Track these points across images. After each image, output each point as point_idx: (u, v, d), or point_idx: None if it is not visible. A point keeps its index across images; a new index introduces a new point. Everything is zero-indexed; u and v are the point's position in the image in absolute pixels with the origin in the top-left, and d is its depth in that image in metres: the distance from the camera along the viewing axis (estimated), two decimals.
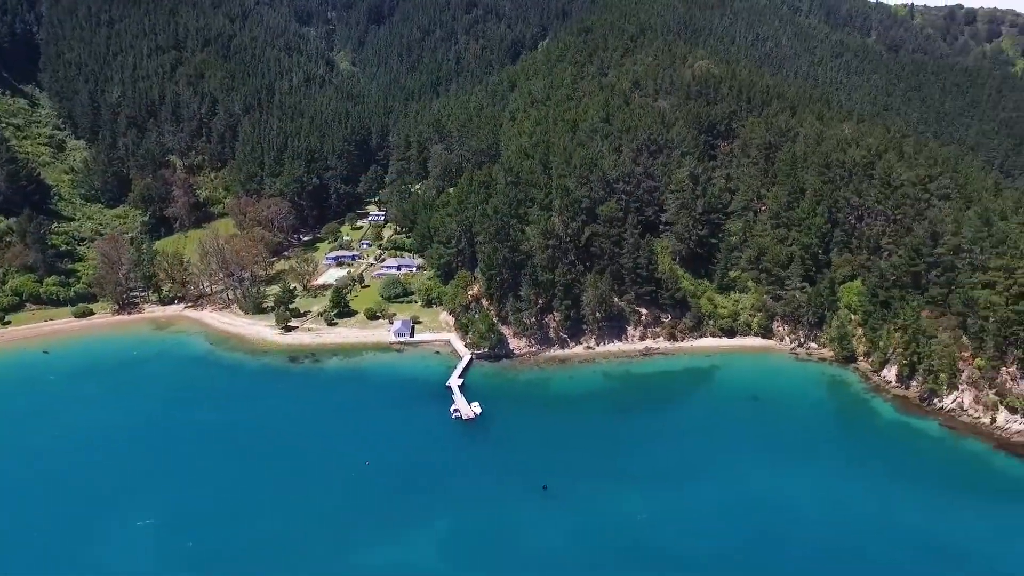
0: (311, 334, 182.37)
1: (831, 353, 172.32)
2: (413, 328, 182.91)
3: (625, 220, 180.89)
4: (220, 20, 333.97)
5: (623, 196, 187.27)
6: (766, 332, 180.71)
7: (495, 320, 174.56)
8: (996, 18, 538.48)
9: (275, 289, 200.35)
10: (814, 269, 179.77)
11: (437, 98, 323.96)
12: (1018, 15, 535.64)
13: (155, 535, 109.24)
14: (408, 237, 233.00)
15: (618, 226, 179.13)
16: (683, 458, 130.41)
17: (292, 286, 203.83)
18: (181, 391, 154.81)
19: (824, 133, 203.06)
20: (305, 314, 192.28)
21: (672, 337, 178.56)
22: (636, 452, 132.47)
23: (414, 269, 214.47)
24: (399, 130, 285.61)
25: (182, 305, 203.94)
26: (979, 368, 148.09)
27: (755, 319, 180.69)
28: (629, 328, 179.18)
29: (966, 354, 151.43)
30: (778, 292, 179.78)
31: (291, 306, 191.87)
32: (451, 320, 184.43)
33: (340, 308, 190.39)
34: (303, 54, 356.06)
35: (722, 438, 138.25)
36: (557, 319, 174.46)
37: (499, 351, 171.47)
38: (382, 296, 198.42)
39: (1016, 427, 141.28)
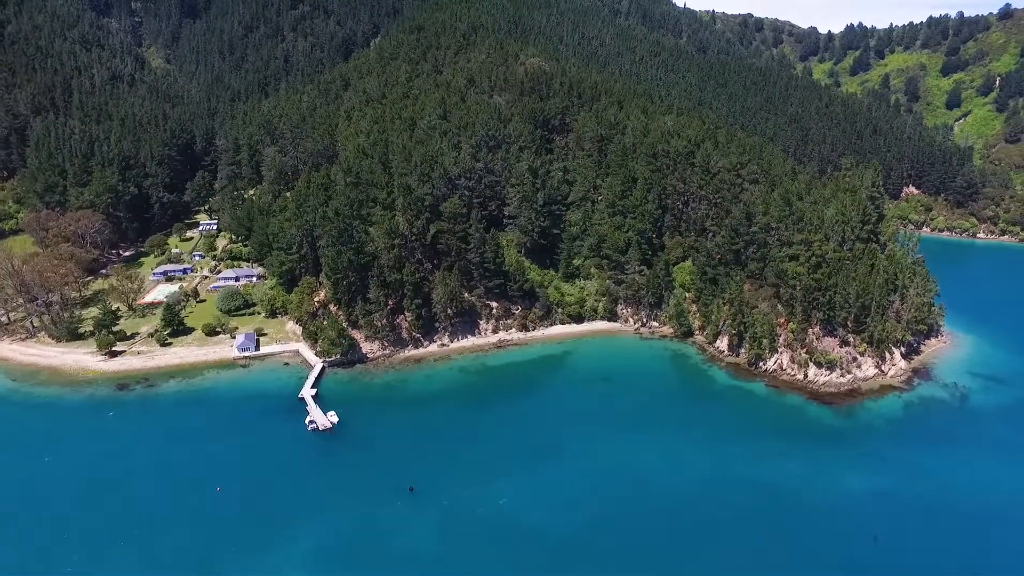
0: (142, 357, 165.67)
1: (671, 330, 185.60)
2: (258, 341, 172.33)
3: (469, 216, 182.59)
4: None
5: (466, 192, 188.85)
6: (611, 315, 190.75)
7: (345, 325, 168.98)
8: (778, 27, 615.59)
9: (93, 311, 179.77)
10: (650, 253, 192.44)
11: (266, 98, 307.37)
12: (795, 26, 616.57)
13: None
14: (245, 246, 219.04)
15: (463, 222, 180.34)
16: (542, 442, 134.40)
17: (114, 306, 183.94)
18: None
19: (649, 126, 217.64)
20: (133, 336, 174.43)
21: (524, 328, 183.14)
22: (497, 442, 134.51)
23: (254, 279, 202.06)
24: (226, 133, 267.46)
25: None
26: (792, 331, 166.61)
27: (600, 304, 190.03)
28: (481, 322, 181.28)
29: (782, 320, 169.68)
30: (619, 277, 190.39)
31: (115, 329, 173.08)
32: (299, 329, 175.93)
33: (174, 326, 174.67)
34: (105, 48, 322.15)
35: (577, 419, 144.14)
36: (409, 319, 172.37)
37: (352, 357, 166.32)
38: (221, 310, 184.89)
39: (822, 379, 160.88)
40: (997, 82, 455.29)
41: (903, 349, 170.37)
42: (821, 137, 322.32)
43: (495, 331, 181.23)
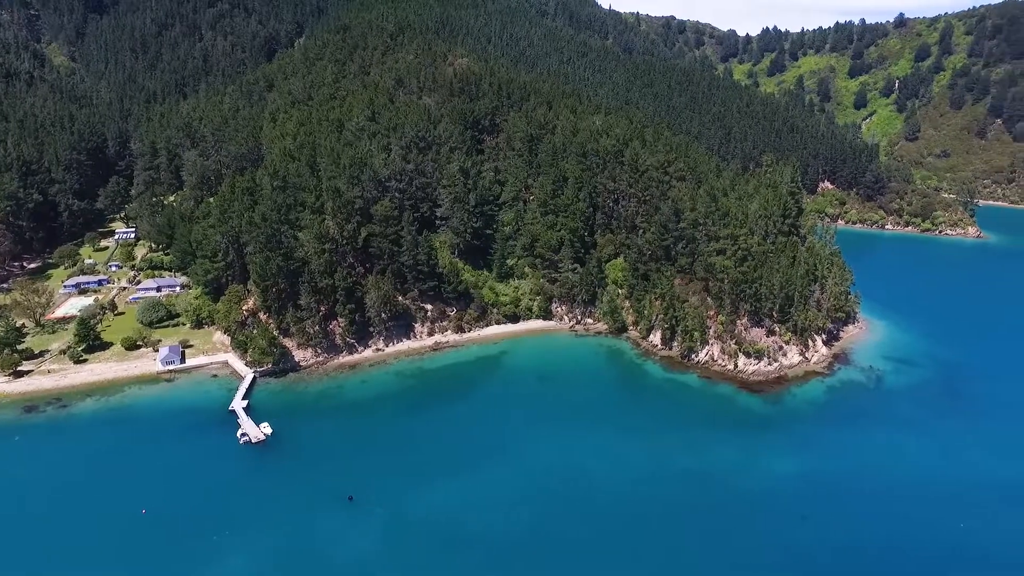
0: (52, 376, 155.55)
1: (605, 326, 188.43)
2: (184, 353, 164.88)
3: (401, 218, 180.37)
4: None
5: (397, 194, 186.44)
6: (546, 314, 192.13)
7: (276, 333, 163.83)
8: (700, 29, 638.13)
9: None
10: (583, 251, 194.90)
11: (185, 99, 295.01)
12: (715, 29, 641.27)
13: None
14: (166, 254, 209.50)
15: (395, 224, 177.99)
16: (481, 443, 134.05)
17: (19, 323, 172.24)
18: None
19: (578, 125, 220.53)
20: (42, 354, 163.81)
21: (460, 329, 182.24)
22: (436, 445, 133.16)
23: (177, 289, 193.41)
24: (142, 136, 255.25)
25: None
26: (722, 323, 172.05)
27: (535, 303, 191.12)
28: (417, 325, 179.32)
29: (712, 312, 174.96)
30: (553, 275, 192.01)
31: (20, 347, 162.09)
32: (227, 339, 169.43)
33: (89, 342, 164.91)
34: None
35: (516, 418, 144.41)
36: (342, 325, 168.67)
37: (284, 365, 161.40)
38: (142, 322, 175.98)
39: (751, 368, 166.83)
40: (896, 85, 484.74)
41: (824, 336, 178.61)
42: (743, 135, 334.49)
43: (431, 334, 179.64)
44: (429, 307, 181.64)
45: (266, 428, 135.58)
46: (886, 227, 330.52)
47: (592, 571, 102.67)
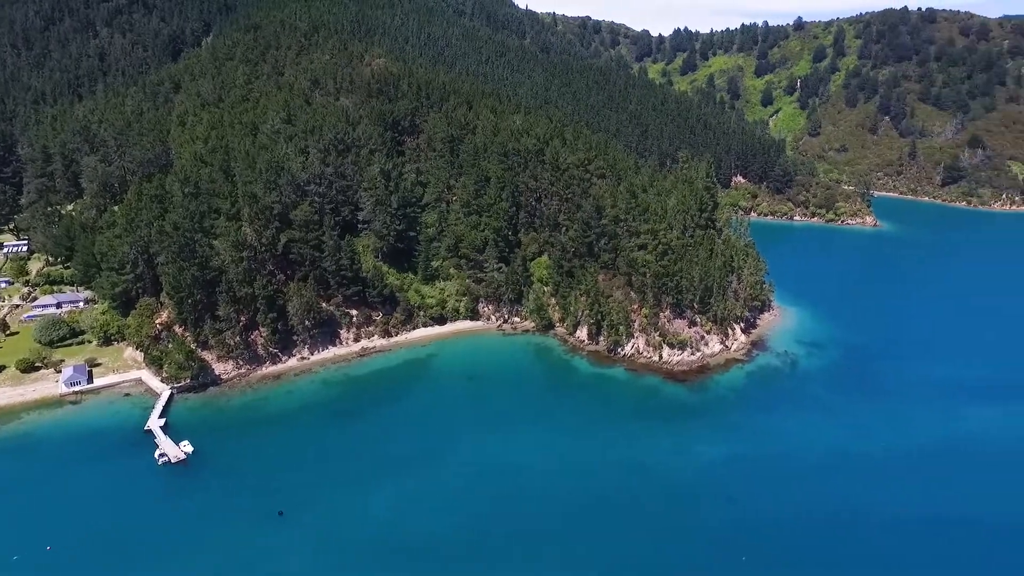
0: None
1: (532, 324, 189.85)
2: (91, 373, 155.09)
3: (322, 222, 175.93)
4: None
5: (316, 198, 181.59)
6: (473, 314, 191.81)
7: (193, 346, 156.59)
8: (615, 29, 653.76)
9: None
10: (507, 250, 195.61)
11: (80, 101, 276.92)
12: (630, 29, 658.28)
13: None
14: (66, 267, 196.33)
15: (315, 229, 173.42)
16: (413, 448, 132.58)
17: None
18: None
19: (499, 125, 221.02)
20: None
21: (386, 334, 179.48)
22: (368, 453, 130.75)
23: (81, 304, 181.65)
24: (32, 140, 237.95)
25: None
26: (645, 316, 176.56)
27: (462, 304, 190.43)
28: (342, 331, 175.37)
29: (635, 306, 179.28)
30: (478, 275, 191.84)
31: None
32: (140, 355, 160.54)
33: None
34: None
35: (447, 421, 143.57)
36: (264, 334, 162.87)
37: (204, 379, 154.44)
38: (41, 342, 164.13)
39: (676, 359, 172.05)
40: (798, 84, 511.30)
41: (742, 325, 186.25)
42: (659, 132, 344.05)
43: (357, 339, 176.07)
44: (354, 312, 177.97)
45: (186, 446, 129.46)
46: (794, 218, 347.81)
47: (533, 567, 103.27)
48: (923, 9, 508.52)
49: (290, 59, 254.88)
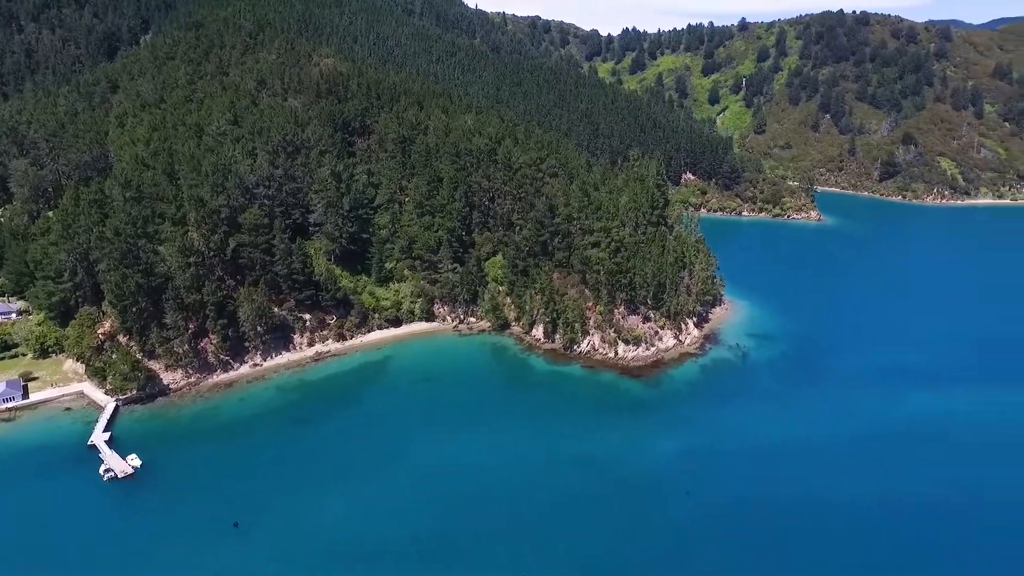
0: None
1: (488, 324, 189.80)
2: (26, 387, 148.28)
3: (272, 226, 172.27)
4: None
5: (265, 201, 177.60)
6: (429, 315, 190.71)
7: (139, 356, 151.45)
8: (564, 29, 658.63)
9: None
10: (461, 250, 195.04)
11: (6, 101, 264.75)
12: (579, 28, 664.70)
13: None
14: None
15: (265, 233, 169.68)
16: (371, 452, 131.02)
17: None
18: None
19: (451, 125, 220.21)
20: None
21: (341, 337, 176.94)
22: (326, 458, 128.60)
23: (13, 315, 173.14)
24: None
25: None
26: (600, 314, 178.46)
27: (417, 305, 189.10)
28: (296, 336, 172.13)
29: (590, 304, 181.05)
30: (433, 276, 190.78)
31: None
32: (80, 367, 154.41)
33: None
34: None
35: (404, 423, 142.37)
36: (215, 342, 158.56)
37: (151, 390, 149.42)
38: None
39: (631, 355, 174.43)
40: (743, 83, 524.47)
41: (695, 319, 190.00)
42: (610, 131, 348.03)
43: (311, 344, 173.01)
44: (308, 317, 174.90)
45: (134, 460, 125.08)
46: (743, 214, 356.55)
47: (491, 567, 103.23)
48: (857, 12, 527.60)
49: (235, 58, 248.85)
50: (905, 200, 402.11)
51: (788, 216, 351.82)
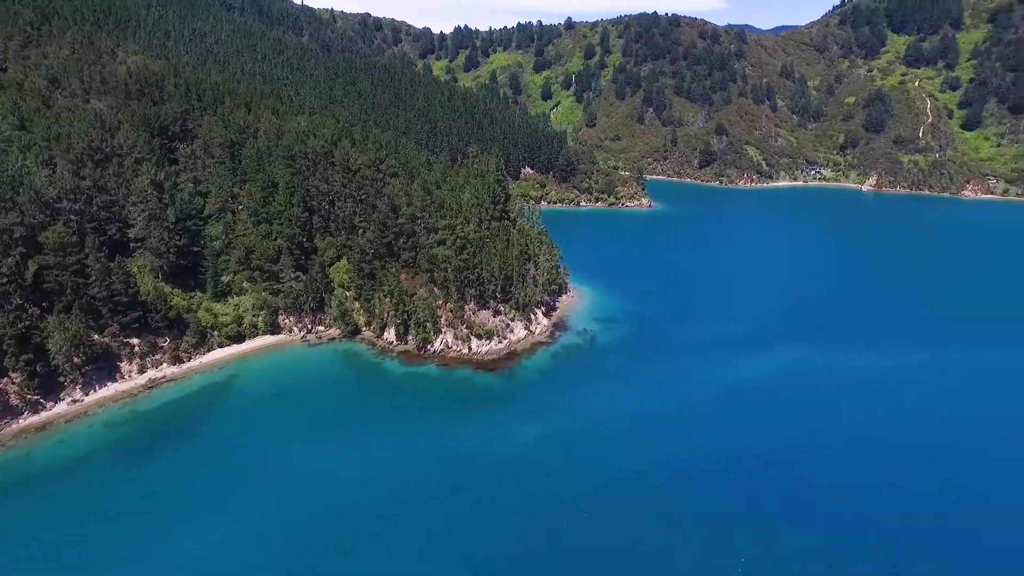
0: None
1: (338, 331, 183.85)
2: None
3: (83, 244, 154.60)
4: None
5: (72, 217, 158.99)
6: (274, 328, 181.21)
7: None
8: (396, 27, 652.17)
9: None
10: (303, 257, 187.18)
11: None
12: (411, 26, 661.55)
13: None
14: None
15: (75, 252, 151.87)
16: (224, 478, 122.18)
17: None
18: None
19: (282, 127, 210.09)
20: None
21: (177, 360, 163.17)
22: (170, 494, 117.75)
23: None
24: None
25: None
26: (451, 311, 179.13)
27: (260, 318, 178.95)
28: (123, 364, 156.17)
29: (440, 302, 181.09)
30: (275, 287, 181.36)
31: None
32: None
33: None
34: None
35: (256, 444, 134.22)
36: (17, 380, 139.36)
37: None
38: None
39: (484, 349, 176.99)
40: (573, 79, 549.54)
41: (544, 309, 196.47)
42: (448, 129, 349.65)
43: (142, 371, 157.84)
44: (135, 341, 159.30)
45: None
46: (581, 204, 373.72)
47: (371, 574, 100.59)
48: (669, 14, 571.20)
49: (14, 53, 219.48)
50: (722, 185, 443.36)
51: (622, 204, 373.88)
